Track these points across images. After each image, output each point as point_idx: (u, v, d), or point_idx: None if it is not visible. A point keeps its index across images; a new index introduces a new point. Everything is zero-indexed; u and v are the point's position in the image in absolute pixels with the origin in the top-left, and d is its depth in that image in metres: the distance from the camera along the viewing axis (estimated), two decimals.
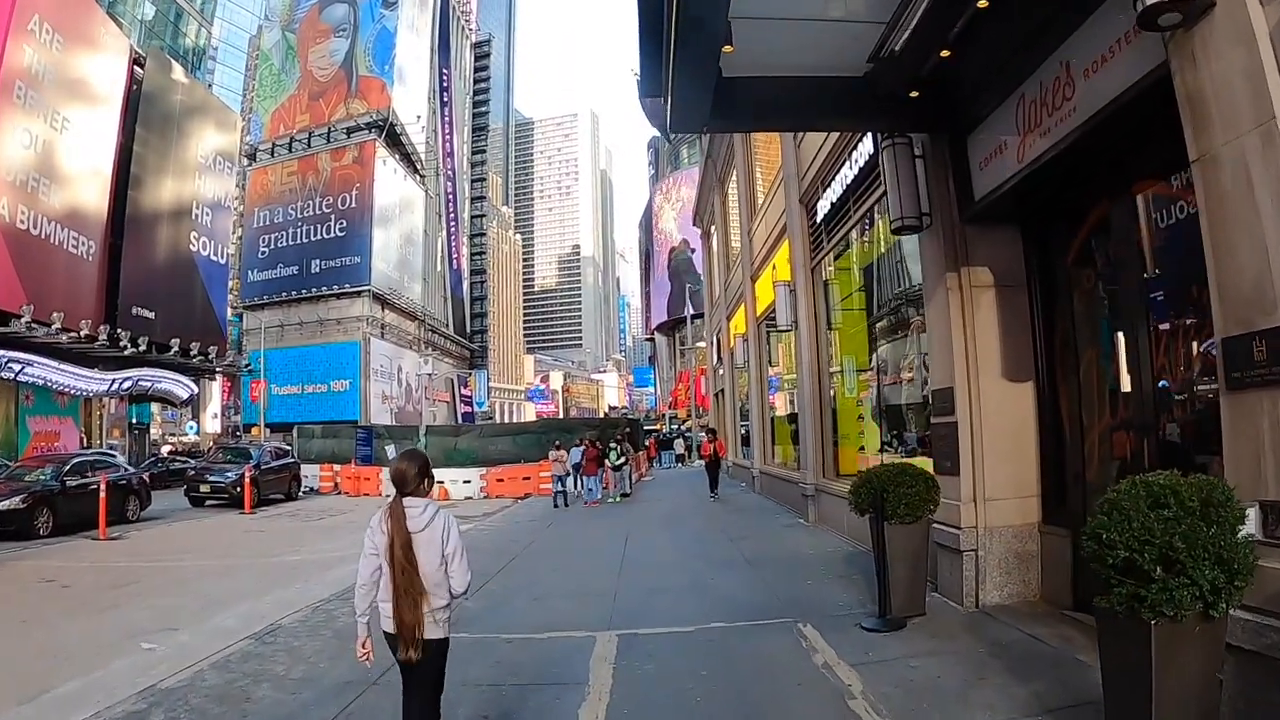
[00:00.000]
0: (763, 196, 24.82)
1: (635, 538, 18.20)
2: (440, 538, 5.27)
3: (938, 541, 9.81)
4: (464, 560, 5.39)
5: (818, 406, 17.89)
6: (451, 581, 5.33)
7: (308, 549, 19.05)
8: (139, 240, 56.03)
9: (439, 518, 5.32)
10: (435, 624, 5.30)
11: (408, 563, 5.13)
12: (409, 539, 5.16)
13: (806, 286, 18.27)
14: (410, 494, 5.37)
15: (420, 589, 5.17)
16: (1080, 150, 7.70)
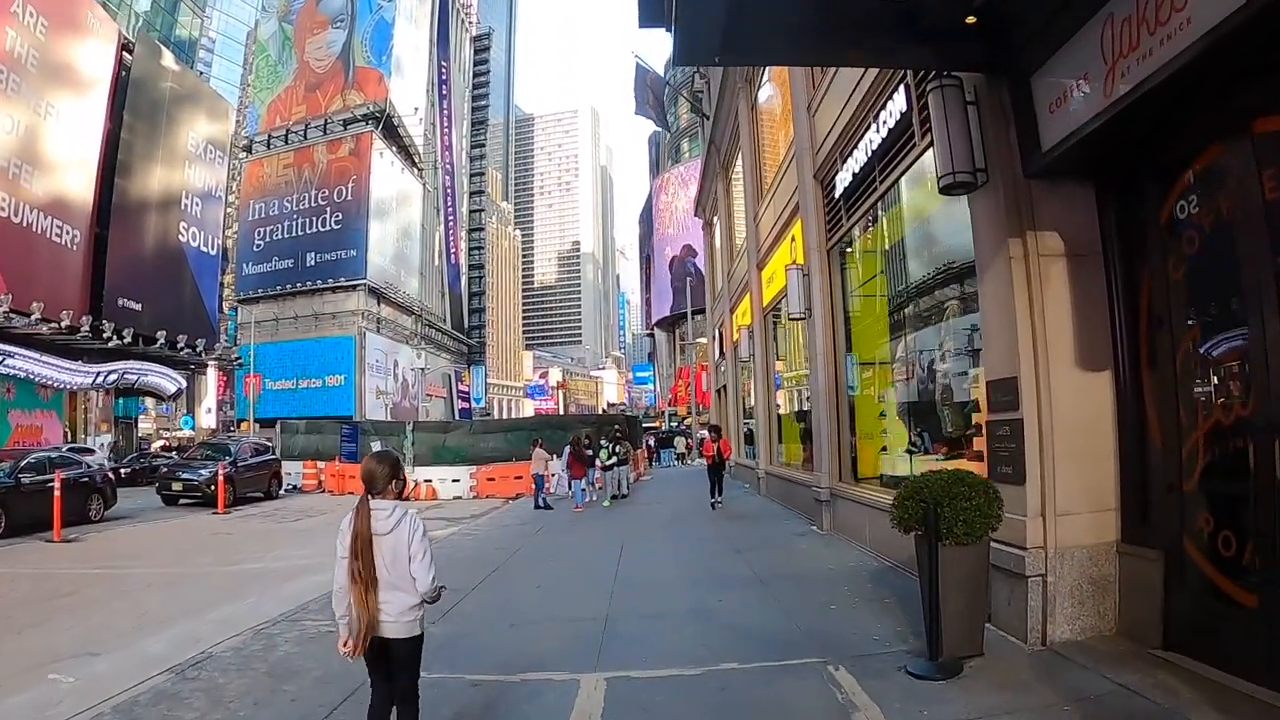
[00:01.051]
0: (771, 178, 23.07)
1: (631, 547, 16.38)
2: (405, 539, 5.29)
3: (996, 564, 8.00)
4: (426, 560, 5.35)
5: (834, 402, 16.13)
6: (415, 582, 5.32)
7: (274, 554, 17.57)
8: (126, 230, 55.05)
9: (405, 520, 5.34)
10: (404, 624, 5.38)
11: (367, 562, 5.21)
12: (370, 539, 5.24)
13: (822, 270, 16.51)
14: (379, 495, 5.43)
15: (376, 588, 5.23)
16: (1191, 77, 6.05)
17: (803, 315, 16.83)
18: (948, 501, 7.26)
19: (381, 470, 5.47)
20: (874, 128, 12.50)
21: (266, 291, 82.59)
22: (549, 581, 13.13)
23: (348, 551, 5.27)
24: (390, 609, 5.28)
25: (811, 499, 17.24)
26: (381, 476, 5.46)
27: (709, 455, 23.73)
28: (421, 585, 5.32)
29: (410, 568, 5.28)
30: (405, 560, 5.27)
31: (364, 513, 5.31)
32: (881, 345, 15.18)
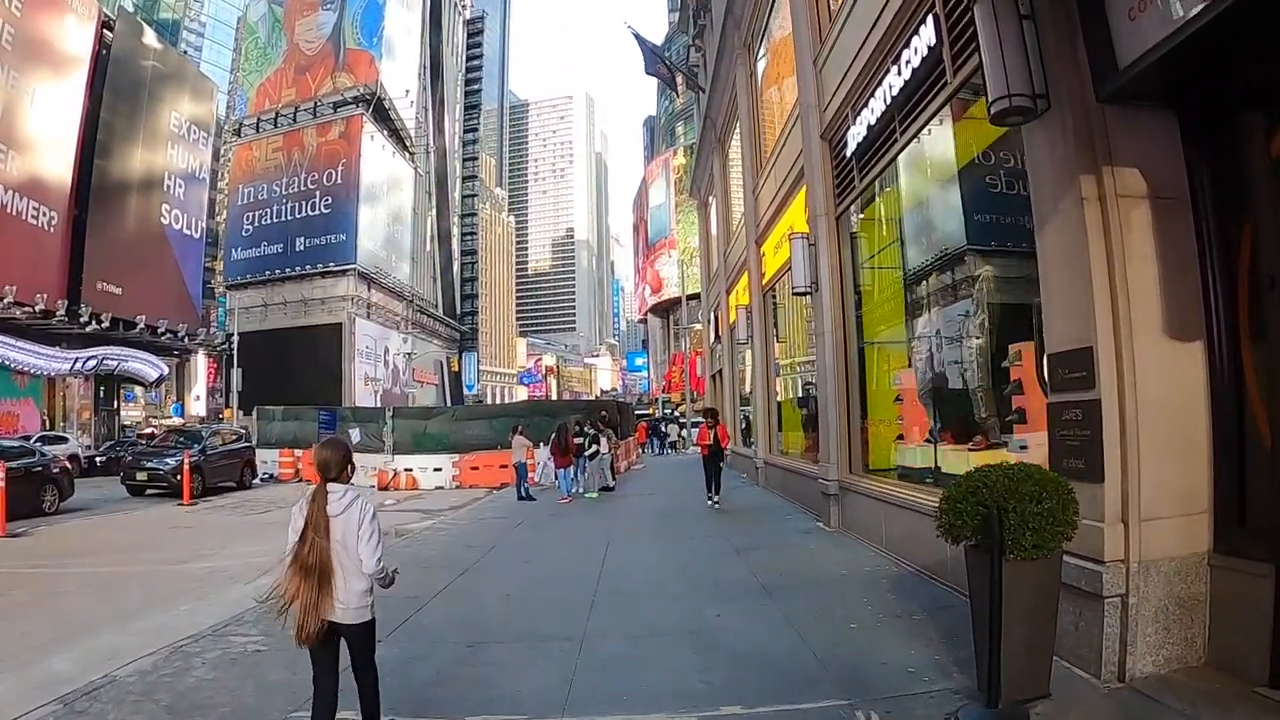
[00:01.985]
0: (771, 146, 21.46)
1: (618, 546, 14.80)
2: (356, 520, 5.32)
3: (1064, 581, 6.43)
4: (373, 542, 5.36)
5: (843, 386, 14.53)
6: (361, 562, 5.33)
7: (229, 551, 16.12)
8: (106, 212, 53.79)
9: (357, 503, 5.38)
10: (354, 609, 5.37)
11: (320, 546, 5.21)
12: (327, 522, 5.25)
13: (830, 239, 14.90)
14: (334, 480, 5.42)
15: (329, 572, 5.23)
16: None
17: (808, 290, 15.18)
18: (1013, 504, 5.69)
19: (335, 457, 5.50)
20: (894, 70, 10.96)
21: (255, 277, 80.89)
22: (522, 588, 11.52)
23: (298, 536, 5.30)
24: (341, 594, 5.28)
25: (817, 492, 15.71)
26: (335, 463, 5.47)
27: (704, 444, 20.10)
28: (368, 566, 5.34)
29: (359, 548, 5.31)
30: (355, 542, 5.31)
31: (321, 497, 5.33)
32: (896, 322, 13.74)
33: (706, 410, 23.86)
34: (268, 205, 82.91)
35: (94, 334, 51.88)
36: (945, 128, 10.65)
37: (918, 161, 12.10)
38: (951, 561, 9.25)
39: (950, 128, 10.71)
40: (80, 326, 49.90)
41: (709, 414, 21.63)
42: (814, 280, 14.97)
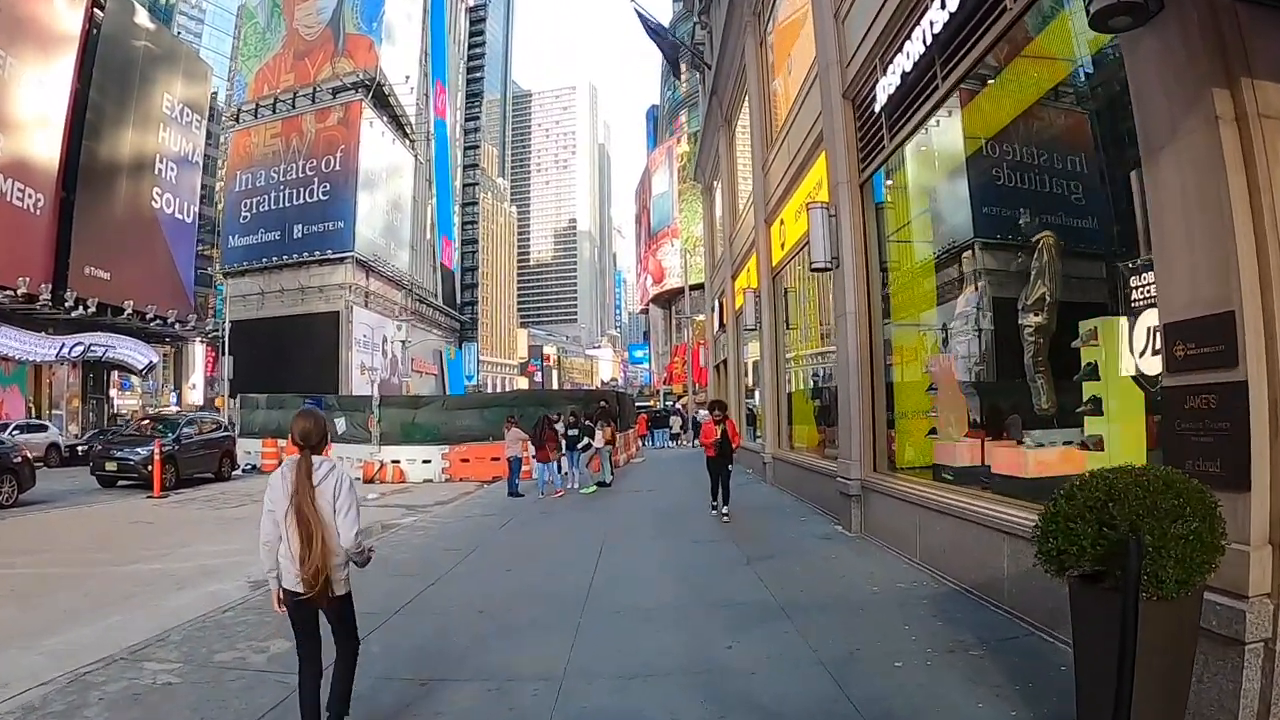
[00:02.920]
0: (783, 117, 19.87)
1: (612, 552, 13.16)
2: (332, 491, 5.33)
3: None
4: (352, 514, 5.37)
5: (867, 374, 12.98)
6: (339, 535, 5.32)
7: (187, 550, 14.67)
8: (94, 195, 52.70)
9: (332, 474, 5.40)
10: (339, 582, 5.44)
11: (313, 516, 5.21)
12: (314, 493, 5.26)
13: (853, 208, 13.35)
14: (314, 450, 5.44)
15: (327, 540, 5.23)
16: None
17: (828, 265, 13.53)
18: (1149, 524, 4.12)
19: (315, 427, 5.51)
20: (934, 5, 9.41)
21: (253, 264, 79.56)
22: (498, 603, 9.85)
23: (287, 503, 5.28)
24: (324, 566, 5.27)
25: (834, 492, 14.15)
26: (316, 432, 5.50)
27: (709, 442, 16.38)
28: (345, 540, 5.33)
29: (336, 520, 5.31)
30: (330, 514, 5.30)
31: (305, 466, 5.32)
32: (928, 302, 12.24)
33: (713, 403, 18.53)
34: (265, 192, 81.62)
35: (82, 320, 50.90)
36: (1004, 61, 9.19)
37: (967, 110, 10.57)
38: (1010, 581, 7.82)
39: (1003, 71, 9.23)
40: (65, 312, 48.84)
41: (716, 406, 17.46)
42: (834, 255, 13.38)
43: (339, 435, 29.77)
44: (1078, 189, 8.10)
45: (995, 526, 8.29)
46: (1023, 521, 7.42)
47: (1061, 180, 8.76)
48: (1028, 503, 7.93)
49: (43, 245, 48.16)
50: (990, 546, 8.38)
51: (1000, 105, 9.69)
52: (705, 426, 17.47)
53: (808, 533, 14.00)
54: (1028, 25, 8.15)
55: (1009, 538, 7.98)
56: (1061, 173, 8.82)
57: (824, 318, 17.36)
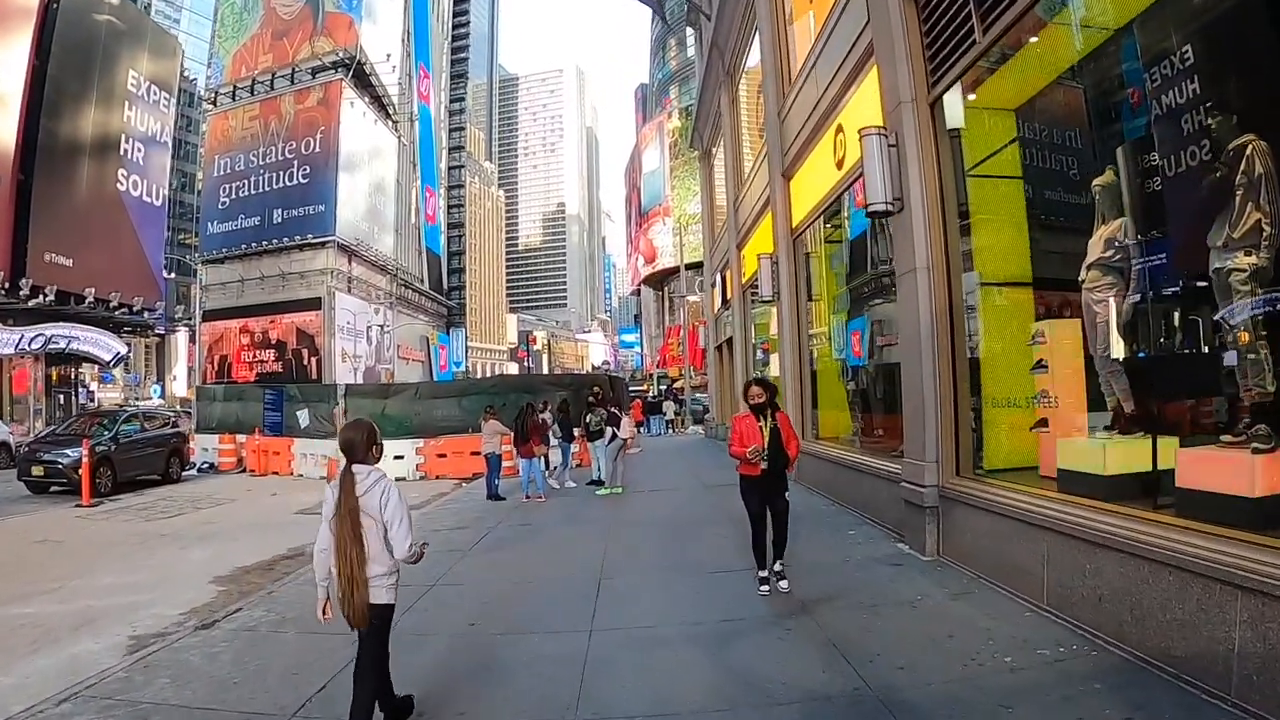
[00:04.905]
0: (804, 53, 16.85)
1: (612, 595, 9.73)
2: (378, 503, 5.34)
3: None
4: (403, 526, 5.40)
5: (946, 346, 10.04)
6: (391, 547, 5.39)
7: (78, 585, 11.66)
8: (55, 177, 50.15)
9: (379, 485, 5.40)
10: (379, 589, 5.40)
11: (353, 529, 5.26)
12: (356, 505, 5.29)
13: (921, 135, 10.38)
14: (359, 461, 5.47)
15: (362, 554, 5.28)
16: None
17: (889, 208, 10.45)
18: None
19: (359, 436, 5.51)
20: None
21: (232, 251, 76.88)
22: (449, 696, 6.72)
23: (332, 526, 5.35)
24: (369, 574, 5.32)
25: (892, 499, 11.23)
26: (360, 443, 5.50)
27: (747, 452, 9.24)
28: (398, 552, 5.39)
29: (388, 535, 5.36)
30: (375, 525, 5.32)
31: (348, 480, 5.36)
32: (1017, 251, 9.38)
33: (754, 383, 10.17)
34: (245, 177, 78.78)
35: (43, 310, 48.30)
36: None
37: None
38: (1247, 662, 5.00)
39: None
40: (22, 302, 46.17)
41: (758, 390, 9.75)
42: (897, 195, 10.39)
43: (301, 430, 26.90)
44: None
45: (1212, 574, 5.42)
46: (1265, 569, 4.94)
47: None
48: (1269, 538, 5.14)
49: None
50: (1204, 604, 5.51)
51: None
52: (738, 424, 9.62)
53: (866, 556, 10.85)
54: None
55: (1243, 594, 5.14)
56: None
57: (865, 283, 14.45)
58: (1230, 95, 6.45)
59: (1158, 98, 6.91)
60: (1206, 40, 6.55)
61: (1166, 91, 6.80)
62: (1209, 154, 6.45)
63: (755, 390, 9.64)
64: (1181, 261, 7.13)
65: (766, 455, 9.15)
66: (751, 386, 9.80)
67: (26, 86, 47.93)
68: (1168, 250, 7.34)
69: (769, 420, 9.35)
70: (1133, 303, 7.70)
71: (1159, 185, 7.16)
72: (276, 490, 22.97)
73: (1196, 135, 6.53)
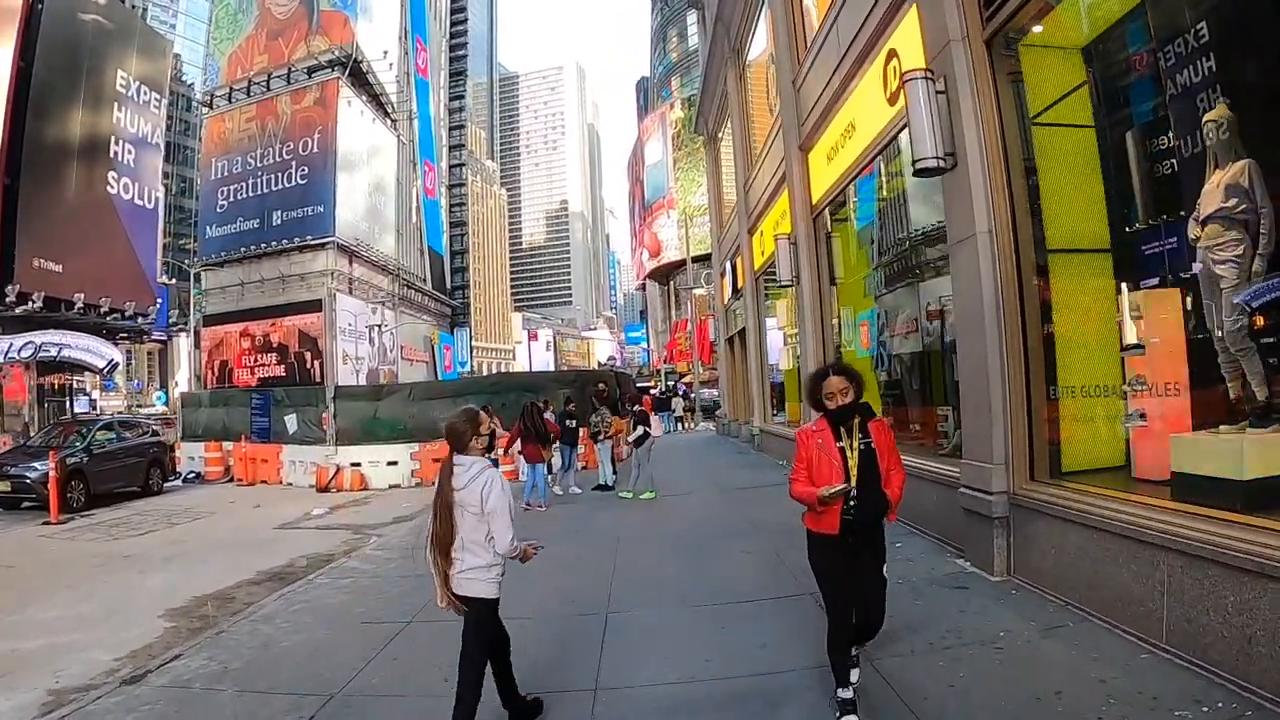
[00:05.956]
0: (825, 7, 15.27)
1: (623, 621, 8.28)
2: (480, 496, 5.26)
3: None
4: (504, 520, 5.31)
5: (1016, 326, 8.39)
6: (493, 542, 5.33)
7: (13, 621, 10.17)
8: (42, 181, 48.60)
9: (482, 476, 5.33)
10: (474, 581, 5.38)
11: (445, 520, 5.33)
12: (451, 497, 5.32)
13: (977, 78, 8.74)
14: (463, 451, 5.45)
15: (450, 545, 5.35)
16: None
17: (939, 163, 8.78)
18: None
19: (460, 426, 5.47)
20: None
21: (231, 255, 75.64)
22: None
23: (431, 515, 5.47)
24: (460, 566, 5.34)
25: (947, 506, 9.65)
26: (463, 432, 5.45)
27: (818, 494, 5.56)
28: (500, 545, 5.32)
29: (490, 526, 5.28)
30: (475, 517, 5.29)
31: (446, 470, 5.39)
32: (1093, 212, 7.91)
33: (837, 376, 5.81)
34: (242, 179, 77.68)
35: (33, 317, 46.49)
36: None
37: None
38: None
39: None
40: (9, 309, 44.84)
41: (840, 382, 5.76)
42: (949, 149, 8.82)
43: (290, 436, 25.34)
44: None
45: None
46: None
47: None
48: None
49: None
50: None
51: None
52: (805, 445, 5.87)
53: (923, 576, 9.01)
54: None
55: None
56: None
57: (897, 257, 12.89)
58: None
59: None
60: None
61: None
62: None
63: (837, 384, 5.68)
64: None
65: (855, 498, 5.57)
66: (830, 378, 5.75)
67: (11, 88, 46.57)
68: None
69: (856, 437, 5.70)
70: (1265, 262, 6.15)
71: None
72: (260, 502, 21.37)
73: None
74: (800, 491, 5.71)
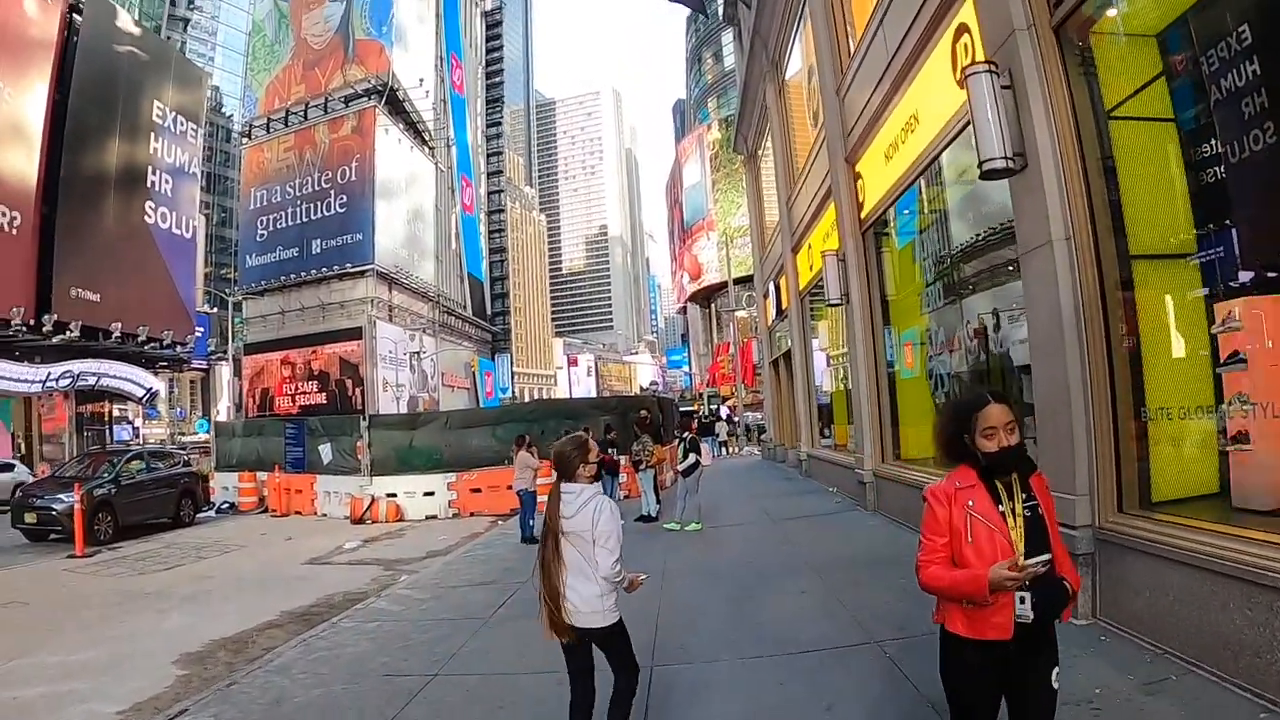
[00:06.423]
0: (868, 11, 14.41)
1: (670, 678, 7.28)
2: (590, 523, 5.16)
3: None
4: (610, 545, 5.16)
5: (1100, 342, 7.50)
6: (597, 565, 5.18)
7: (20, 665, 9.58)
8: (79, 211, 48.81)
9: (591, 503, 5.22)
10: (590, 613, 5.18)
11: (554, 549, 5.19)
12: (559, 526, 5.21)
13: (1048, 69, 7.95)
14: (571, 479, 5.35)
15: (559, 575, 5.17)
16: None
17: (1008, 164, 7.97)
18: None
19: (570, 451, 5.35)
20: None
21: (271, 283, 77.34)
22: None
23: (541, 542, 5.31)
24: (576, 597, 5.14)
25: None
26: (572, 458, 5.34)
27: (987, 583, 3.64)
28: (602, 569, 5.14)
29: (593, 552, 5.15)
30: (589, 545, 5.16)
31: (554, 498, 5.30)
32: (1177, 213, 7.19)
33: (999, 406, 3.92)
34: (281, 208, 79.17)
35: (72, 346, 47.12)
36: None
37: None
38: None
39: None
40: (46, 338, 44.93)
41: (1003, 415, 3.88)
42: (1017, 149, 8.01)
43: (324, 466, 24.75)
44: None
45: None
46: None
47: None
48: None
49: (21, 267, 44.29)
50: None
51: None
52: (942, 507, 3.93)
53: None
54: None
55: None
56: None
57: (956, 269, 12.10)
58: None
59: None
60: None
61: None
62: None
63: (1000, 416, 3.87)
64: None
65: (1038, 584, 3.71)
66: (990, 407, 3.90)
67: (47, 120, 46.83)
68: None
69: (1019, 498, 3.91)
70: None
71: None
72: (293, 534, 20.77)
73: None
74: (941, 580, 3.80)
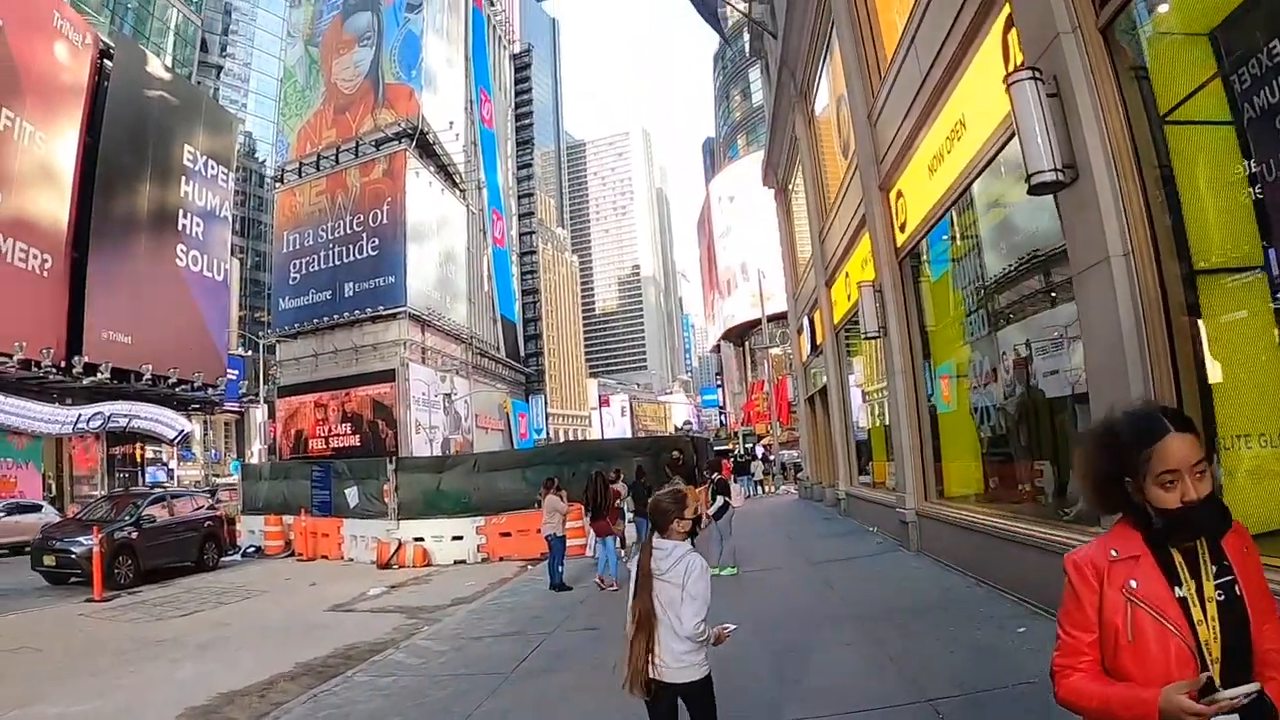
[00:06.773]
0: (908, 10, 13.68)
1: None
2: (680, 581, 4.98)
3: None
4: (695, 604, 4.89)
5: (1166, 364, 6.69)
6: (680, 622, 4.93)
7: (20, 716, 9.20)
8: (110, 254, 49.78)
9: (684, 561, 5.05)
10: (680, 669, 5.00)
11: (643, 603, 5.05)
12: (650, 580, 5.06)
13: (1097, 73, 6.97)
14: (665, 533, 5.18)
15: (652, 630, 5.00)
16: None
17: (1058, 177, 7.28)
18: None
19: (668, 504, 5.15)
20: None
21: (305, 326, 77.88)
22: None
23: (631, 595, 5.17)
24: (665, 653, 4.94)
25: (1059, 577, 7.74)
26: (669, 511, 5.13)
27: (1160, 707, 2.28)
28: (685, 628, 4.89)
29: (679, 609, 4.92)
30: (677, 603, 4.95)
31: (646, 552, 5.14)
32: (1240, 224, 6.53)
33: (1164, 426, 2.46)
34: (314, 252, 79.81)
35: (103, 388, 47.93)
36: None
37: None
38: None
39: None
40: (76, 380, 45.34)
41: (1189, 445, 2.43)
42: (1067, 161, 7.43)
43: (351, 509, 24.28)
44: None
45: None
46: None
47: None
48: None
49: (52, 309, 45.12)
50: None
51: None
52: (1087, 576, 2.71)
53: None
54: None
55: None
56: None
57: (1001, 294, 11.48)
58: None
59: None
60: None
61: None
62: None
63: (1186, 454, 2.43)
64: None
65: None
66: (1171, 438, 2.43)
67: (78, 164, 47.64)
68: None
69: (1208, 571, 2.50)
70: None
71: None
72: (317, 579, 20.28)
73: None
74: (1089, 697, 2.52)
